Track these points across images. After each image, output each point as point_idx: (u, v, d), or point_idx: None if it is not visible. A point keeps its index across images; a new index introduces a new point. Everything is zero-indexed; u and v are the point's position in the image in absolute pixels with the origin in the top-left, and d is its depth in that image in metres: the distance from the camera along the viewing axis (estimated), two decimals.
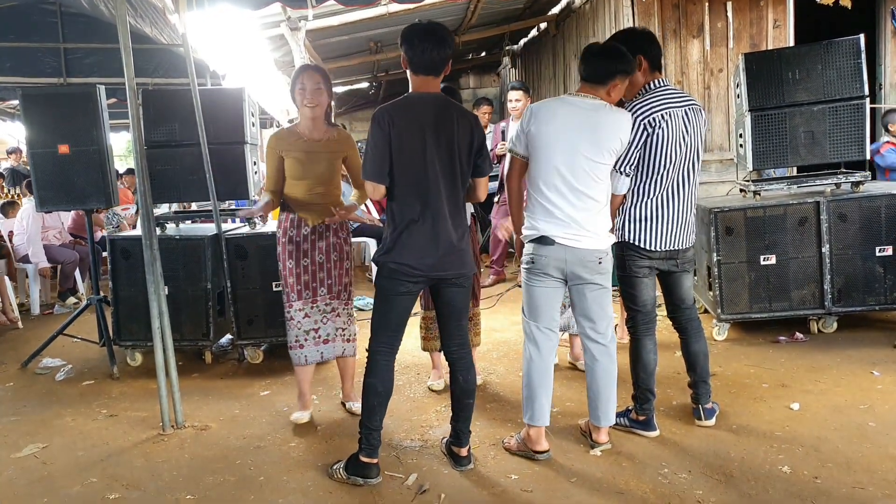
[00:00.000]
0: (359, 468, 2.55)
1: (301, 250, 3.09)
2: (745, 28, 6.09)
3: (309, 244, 3.10)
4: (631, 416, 2.92)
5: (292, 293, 3.10)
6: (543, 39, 8.93)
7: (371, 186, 2.48)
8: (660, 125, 2.66)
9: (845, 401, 3.04)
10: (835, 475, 2.42)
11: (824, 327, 3.99)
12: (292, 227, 3.10)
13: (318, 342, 3.15)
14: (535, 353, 2.68)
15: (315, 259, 3.11)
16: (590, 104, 2.56)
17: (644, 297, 2.86)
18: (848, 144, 3.96)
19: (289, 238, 3.10)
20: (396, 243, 2.46)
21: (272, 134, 3.12)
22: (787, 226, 3.91)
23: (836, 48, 3.93)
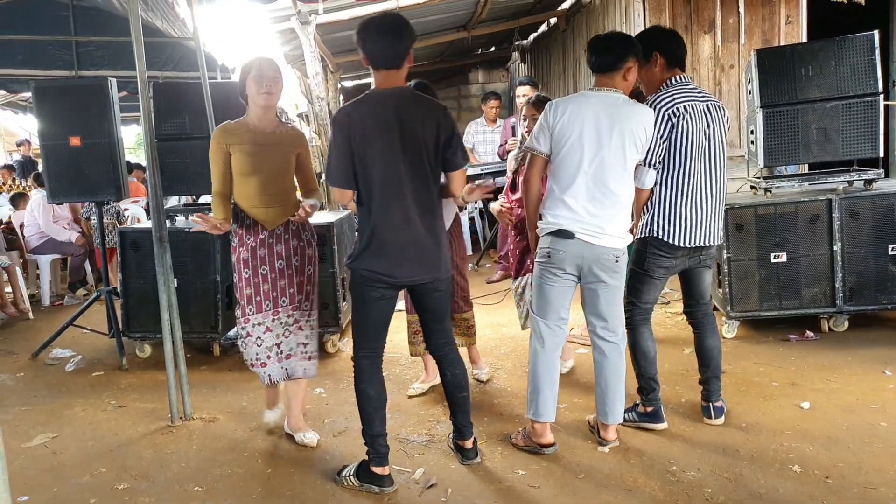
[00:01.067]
0: (372, 477, 2.47)
1: (258, 257, 2.79)
2: (757, 23, 6.03)
3: (266, 250, 2.79)
4: (638, 410, 2.91)
5: (250, 305, 2.79)
6: (553, 35, 8.88)
7: (338, 192, 2.39)
8: (683, 116, 2.66)
9: (856, 400, 3.02)
10: (846, 475, 2.40)
11: (835, 326, 3.96)
12: (248, 232, 2.79)
13: (281, 358, 2.84)
14: (541, 348, 2.67)
15: (274, 266, 2.80)
16: (612, 98, 2.56)
17: (651, 297, 2.86)
18: (861, 141, 3.92)
19: (245, 245, 2.80)
20: (366, 250, 2.38)
21: (217, 127, 2.81)
22: (799, 223, 3.88)
23: (849, 44, 3.89)
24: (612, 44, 2.60)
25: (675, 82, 2.74)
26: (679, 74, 2.77)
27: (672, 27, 6.01)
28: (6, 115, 11.27)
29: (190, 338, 3.98)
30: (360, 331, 2.50)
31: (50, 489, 2.60)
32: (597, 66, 2.60)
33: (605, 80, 2.59)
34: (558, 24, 8.48)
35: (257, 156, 2.74)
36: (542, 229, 2.63)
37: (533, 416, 2.67)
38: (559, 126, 2.54)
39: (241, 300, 2.81)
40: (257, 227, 2.79)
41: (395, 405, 2.56)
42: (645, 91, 2.87)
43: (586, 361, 3.80)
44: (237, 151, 2.74)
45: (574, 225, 2.54)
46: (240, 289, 2.81)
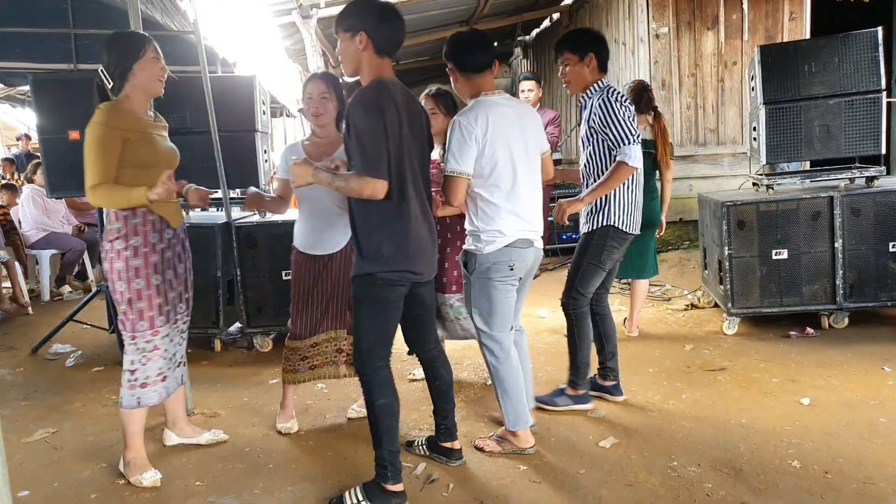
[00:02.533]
0: (387, 497, 2.29)
1: (166, 260, 2.53)
2: (761, 20, 6.02)
3: (172, 251, 2.56)
4: (568, 393, 3.06)
5: (160, 316, 2.51)
6: (556, 30, 8.86)
7: (374, 185, 2.12)
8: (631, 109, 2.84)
9: (856, 396, 3.02)
10: (845, 471, 2.40)
11: (835, 323, 3.96)
12: (154, 231, 2.48)
13: (173, 368, 2.67)
14: (506, 359, 2.60)
15: (177, 269, 2.60)
16: (507, 99, 2.57)
17: (596, 284, 3.00)
18: (863, 139, 3.92)
19: (151, 247, 2.47)
20: (401, 249, 2.22)
21: (104, 109, 2.38)
22: (800, 220, 3.88)
23: (853, 41, 3.89)
24: (485, 42, 2.56)
25: (606, 84, 2.89)
26: (605, 79, 2.92)
27: (675, 23, 6.00)
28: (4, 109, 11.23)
29: (191, 333, 3.94)
30: (379, 338, 2.30)
31: (50, 484, 2.60)
32: (474, 65, 2.52)
33: (487, 81, 2.55)
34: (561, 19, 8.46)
35: (156, 144, 2.47)
36: (496, 243, 2.50)
37: (514, 427, 2.64)
38: (488, 139, 2.44)
39: (151, 311, 2.48)
40: (163, 226, 2.51)
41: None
42: (572, 89, 2.96)
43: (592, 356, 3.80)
44: (136, 139, 2.39)
45: (529, 234, 2.56)
46: (148, 298, 2.47)
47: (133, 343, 2.49)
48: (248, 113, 4.21)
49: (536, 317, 4.76)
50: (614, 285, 5.22)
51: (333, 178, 2.22)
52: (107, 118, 2.36)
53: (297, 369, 2.93)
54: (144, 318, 2.48)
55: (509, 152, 2.49)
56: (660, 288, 5.22)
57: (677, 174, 5.84)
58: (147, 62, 2.42)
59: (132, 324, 2.47)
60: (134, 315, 2.46)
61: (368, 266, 2.23)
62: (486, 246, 2.51)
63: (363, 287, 2.26)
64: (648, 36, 5.99)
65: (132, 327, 2.47)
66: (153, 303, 2.49)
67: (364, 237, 2.24)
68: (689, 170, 6.11)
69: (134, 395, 2.52)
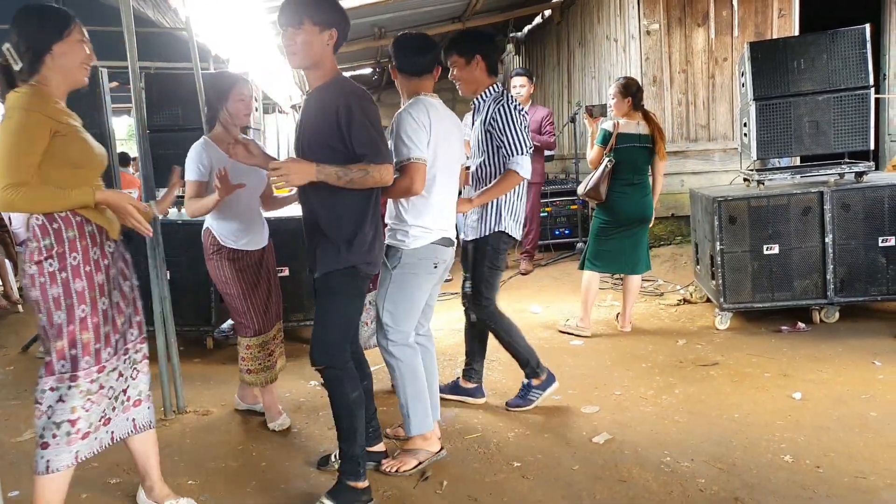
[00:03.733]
0: (358, 495, 2.26)
1: (111, 279, 2.09)
2: (750, 17, 6.05)
3: (116, 268, 2.11)
4: (534, 384, 3.07)
5: (107, 348, 2.04)
6: (548, 27, 8.87)
7: (390, 172, 2.17)
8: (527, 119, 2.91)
9: (847, 391, 3.05)
10: (837, 465, 2.42)
11: (826, 317, 3.99)
12: (94, 245, 2.03)
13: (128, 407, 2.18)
14: (415, 360, 2.54)
15: (122, 288, 2.14)
16: (442, 105, 2.58)
17: (498, 286, 3.04)
18: (852, 134, 3.95)
19: (93, 264, 2.02)
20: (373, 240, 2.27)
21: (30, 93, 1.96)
22: (791, 215, 3.90)
23: (841, 38, 3.91)
24: (428, 48, 2.55)
25: (499, 88, 2.91)
26: (497, 82, 2.94)
27: (666, 20, 6.01)
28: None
29: (183, 331, 3.95)
30: (350, 329, 2.30)
31: None
32: (413, 68, 2.52)
33: (426, 85, 2.55)
34: (553, 16, 8.46)
35: (89, 141, 2.08)
36: (423, 238, 2.47)
37: (420, 431, 2.54)
38: (431, 134, 2.43)
39: (98, 342, 2.02)
40: (103, 238, 2.07)
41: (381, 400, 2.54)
42: (463, 91, 2.96)
43: (579, 351, 3.82)
44: (66, 133, 1.98)
45: (451, 231, 2.57)
46: (95, 327, 2.01)
47: (75, 386, 1.98)
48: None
49: (529, 312, 4.77)
50: (607, 280, 5.25)
51: (345, 172, 2.10)
52: (32, 103, 1.93)
53: (268, 366, 2.96)
54: (90, 353, 2.00)
55: (444, 152, 2.50)
56: (652, 283, 5.24)
57: (669, 170, 5.86)
58: (71, 44, 2.01)
59: (74, 362, 1.98)
60: (77, 350, 1.98)
61: (351, 258, 2.20)
62: (413, 241, 2.46)
63: (342, 280, 2.22)
64: (639, 32, 6.01)
65: (74, 366, 1.98)
66: (100, 332, 2.03)
67: (340, 229, 2.19)
68: (681, 165, 6.14)
69: (71, 451, 1.99)
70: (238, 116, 2.86)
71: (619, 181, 3.96)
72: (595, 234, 4.09)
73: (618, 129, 3.94)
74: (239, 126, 2.89)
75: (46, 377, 1.99)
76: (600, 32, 6.90)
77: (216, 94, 2.85)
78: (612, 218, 4.02)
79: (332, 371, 2.25)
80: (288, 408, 3.19)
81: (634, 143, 3.94)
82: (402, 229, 2.49)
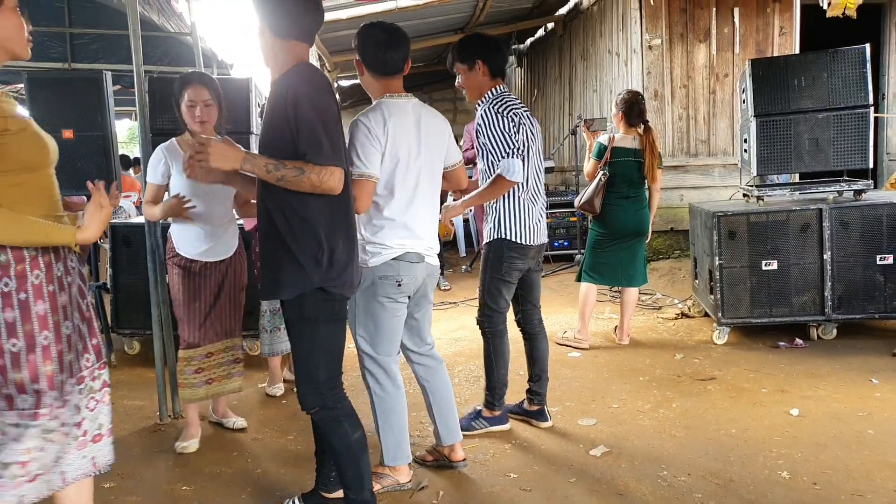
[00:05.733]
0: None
1: (72, 299, 1.79)
2: (752, 34, 6.10)
3: (76, 289, 1.82)
4: (484, 415, 2.95)
5: (70, 379, 1.75)
6: (551, 39, 8.93)
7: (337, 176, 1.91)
8: (522, 121, 2.77)
9: (844, 408, 3.05)
10: (834, 482, 2.42)
11: (824, 334, 4.00)
12: (58, 258, 1.75)
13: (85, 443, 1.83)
14: (394, 388, 2.38)
15: (81, 307, 1.83)
16: (415, 105, 2.37)
17: (508, 299, 2.91)
18: (851, 153, 3.97)
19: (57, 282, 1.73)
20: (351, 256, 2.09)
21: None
22: (790, 232, 3.92)
23: (842, 57, 3.94)
24: (399, 43, 2.30)
25: (502, 91, 2.79)
26: (501, 84, 2.81)
27: (668, 35, 6.06)
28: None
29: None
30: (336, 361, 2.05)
31: None
32: (383, 66, 2.30)
33: (395, 84, 2.35)
34: (555, 29, 8.52)
35: (41, 134, 1.79)
36: (381, 255, 2.29)
37: (395, 462, 2.41)
38: (387, 143, 2.24)
39: (61, 373, 1.72)
40: (66, 251, 1.80)
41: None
42: (470, 97, 2.86)
43: (577, 363, 3.81)
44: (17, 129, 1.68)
45: (420, 247, 2.35)
46: (58, 355, 1.71)
47: (36, 425, 1.68)
48: (244, 115, 4.20)
49: None
50: (605, 293, 5.26)
51: (277, 166, 1.82)
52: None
53: (193, 384, 2.80)
54: (54, 386, 1.70)
55: (407, 160, 2.29)
56: (651, 296, 5.25)
57: (669, 184, 5.89)
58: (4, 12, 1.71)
59: (37, 398, 1.68)
60: (41, 384, 1.68)
61: (317, 279, 1.90)
62: (370, 258, 2.29)
63: (315, 303, 1.92)
64: (641, 47, 6.05)
65: (37, 402, 1.69)
66: (63, 361, 1.72)
67: (304, 240, 1.89)
68: (681, 180, 6.16)
69: (16, 494, 1.68)
70: (188, 122, 2.64)
71: (614, 194, 3.97)
72: (591, 247, 4.10)
73: (613, 142, 3.96)
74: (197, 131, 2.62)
75: (8, 411, 1.68)
76: (602, 46, 6.95)
77: (173, 95, 2.67)
78: (608, 231, 4.03)
79: (326, 412, 2.00)
80: (284, 414, 3.18)
81: (630, 157, 3.96)
82: (362, 246, 2.30)
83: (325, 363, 1.98)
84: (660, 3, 6.00)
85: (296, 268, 1.91)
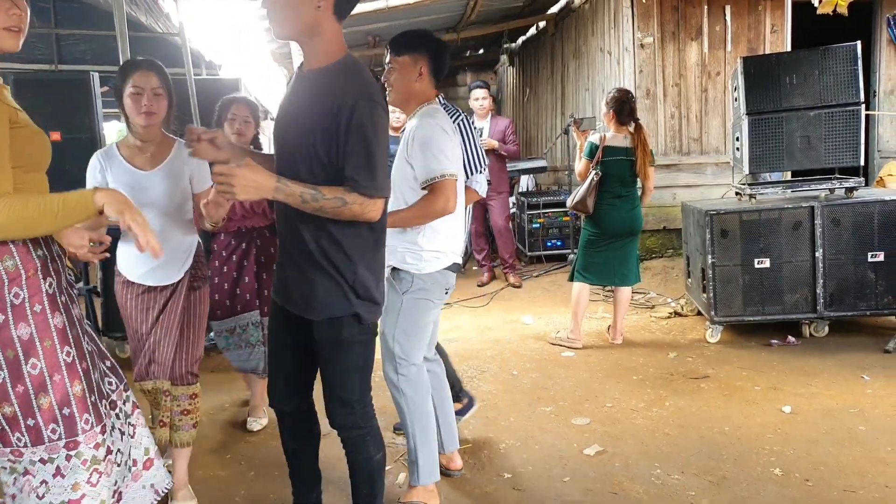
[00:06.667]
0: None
1: (74, 319, 1.58)
2: (743, 32, 6.11)
3: (78, 305, 1.65)
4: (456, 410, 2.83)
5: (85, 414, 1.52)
6: (542, 38, 8.92)
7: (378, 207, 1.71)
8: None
9: (836, 404, 3.06)
10: (826, 478, 2.42)
11: (816, 331, 4.01)
12: (50, 274, 1.53)
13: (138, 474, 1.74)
14: (427, 400, 2.31)
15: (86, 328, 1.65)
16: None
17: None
18: (843, 150, 3.98)
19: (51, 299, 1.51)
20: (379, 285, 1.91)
21: None
22: (782, 230, 3.92)
23: (833, 54, 3.95)
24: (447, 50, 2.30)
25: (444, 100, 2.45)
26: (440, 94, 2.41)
27: (660, 33, 6.07)
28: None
29: None
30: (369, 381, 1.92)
31: None
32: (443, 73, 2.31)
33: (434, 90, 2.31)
34: (547, 28, 8.52)
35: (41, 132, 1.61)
36: (438, 262, 2.25)
37: (429, 481, 2.30)
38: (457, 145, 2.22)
39: (92, 394, 1.55)
40: (63, 266, 1.60)
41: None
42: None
43: (570, 363, 3.81)
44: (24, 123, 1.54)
45: (459, 258, 2.36)
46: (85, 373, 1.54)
47: (76, 454, 1.50)
48: None
49: (521, 323, 4.76)
50: (598, 292, 5.26)
51: (315, 196, 1.61)
52: None
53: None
54: (87, 409, 1.52)
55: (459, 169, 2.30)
56: (643, 295, 5.25)
57: (661, 183, 5.89)
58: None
59: (70, 424, 1.48)
60: (72, 406, 1.49)
61: (353, 303, 1.77)
62: (427, 265, 2.23)
63: (349, 327, 1.79)
64: (633, 45, 6.05)
65: (70, 429, 1.49)
66: (91, 380, 1.55)
67: (342, 268, 1.74)
68: (673, 178, 6.17)
69: None
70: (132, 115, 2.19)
71: (606, 194, 3.97)
72: (584, 246, 4.10)
73: (604, 141, 3.95)
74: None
75: (34, 446, 1.48)
76: (594, 45, 6.95)
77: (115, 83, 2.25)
78: (601, 230, 4.02)
79: (355, 431, 1.89)
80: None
81: (621, 156, 3.95)
82: (414, 252, 2.22)
83: (358, 383, 1.87)
84: (651, 2, 6.00)
85: (329, 288, 1.75)
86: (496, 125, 5.88)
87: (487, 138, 5.77)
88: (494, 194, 5.83)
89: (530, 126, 9.57)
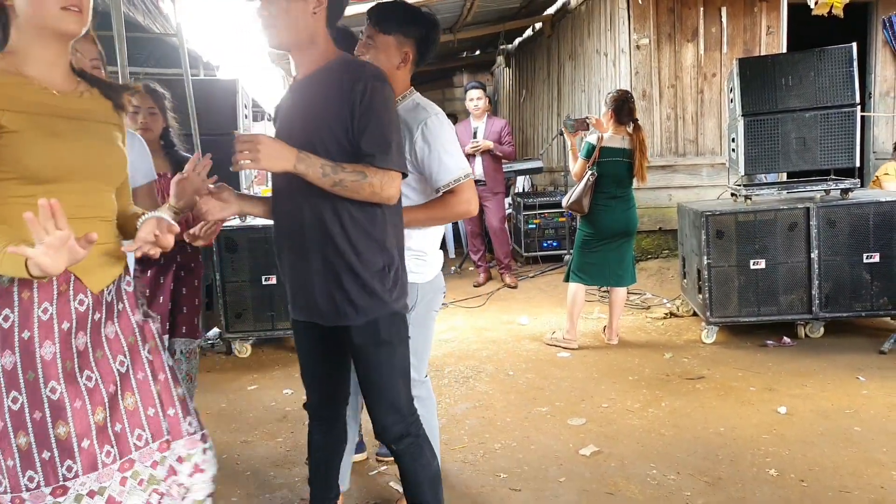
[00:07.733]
0: None
1: (74, 350, 1.35)
2: (739, 33, 6.13)
3: (90, 333, 1.39)
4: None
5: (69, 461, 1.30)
6: (538, 39, 8.93)
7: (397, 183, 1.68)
8: None
9: (831, 405, 3.07)
10: (821, 479, 2.43)
11: (811, 332, 4.02)
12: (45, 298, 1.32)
13: None
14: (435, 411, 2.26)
15: (109, 366, 1.40)
16: None
17: None
18: (838, 152, 4.00)
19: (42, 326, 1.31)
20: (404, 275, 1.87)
21: None
22: (777, 231, 3.94)
23: (828, 56, 3.97)
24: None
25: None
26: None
27: (656, 35, 6.08)
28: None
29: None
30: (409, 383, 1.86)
31: None
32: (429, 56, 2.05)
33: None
34: (543, 29, 8.53)
35: (67, 139, 1.35)
36: (436, 267, 2.13)
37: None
38: None
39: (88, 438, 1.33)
40: (67, 289, 1.35)
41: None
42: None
43: (566, 363, 3.82)
44: (21, 125, 1.29)
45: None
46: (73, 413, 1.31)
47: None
48: (230, 117, 4.18)
49: (517, 324, 4.77)
50: (593, 293, 5.27)
51: (335, 169, 1.57)
52: None
53: None
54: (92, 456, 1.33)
55: None
56: (639, 296, 5.26)
57: (657, 184, 5.91)
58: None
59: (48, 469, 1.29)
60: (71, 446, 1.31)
61: (389, 301, 1.71)
62: (430, 270, 2.09)
63: (389, 326, 1.73)
64: (629, 47, 6.07)
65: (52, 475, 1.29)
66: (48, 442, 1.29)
67: (374, 263, 1.68)
68: (669, 179, 6.19)
69: None
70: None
71: (602, 194, 3.97)
72: (579, 247, 4.11)
73: (601, 142, 3.96)
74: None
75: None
76: (591, 46, 6.97)
77: None
78: (596, 231, 4.03)
79: (410, 440, 1.80)
80: (273, 417, 3.16)
81: (618, 157, 3.96)
82: (419, 257, 2.05)
83: (404, 386, 1.80)
84: (647, 3, 6.02)
85: (362, 289, 1.67)
86: (492, 126, 5.89)
87: (482, 139, 5.78)
88: (490, 195, 5.84)
89: (526, 127, 9.59)
